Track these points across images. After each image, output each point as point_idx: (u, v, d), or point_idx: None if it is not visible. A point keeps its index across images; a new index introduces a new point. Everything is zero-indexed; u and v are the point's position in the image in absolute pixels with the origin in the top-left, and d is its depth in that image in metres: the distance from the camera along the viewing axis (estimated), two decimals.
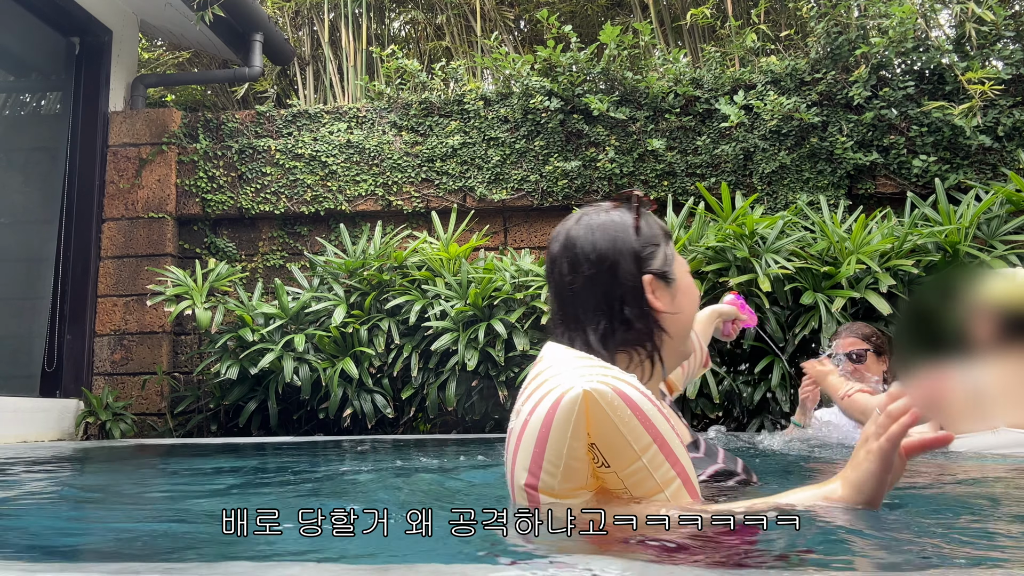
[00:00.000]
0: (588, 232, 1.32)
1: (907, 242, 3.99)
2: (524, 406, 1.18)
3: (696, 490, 1.17)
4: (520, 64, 5.02)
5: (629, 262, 1.30)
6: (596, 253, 1.30)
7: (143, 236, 5.29)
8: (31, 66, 5.91)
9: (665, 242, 1.37)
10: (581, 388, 1.10)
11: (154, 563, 1.00)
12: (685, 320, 1.36)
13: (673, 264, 1.36)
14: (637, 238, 1.32)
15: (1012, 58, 4.56)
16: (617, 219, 1.34)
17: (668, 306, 1.32)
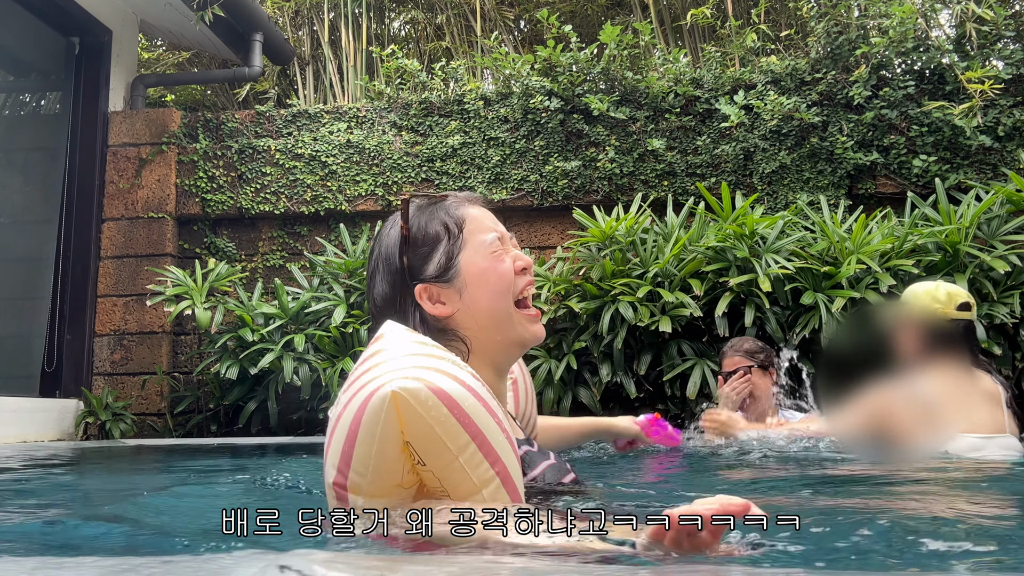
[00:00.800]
0: (371, 250, 1.36)
1: (907, 242, 3.98)
2: (343, 395, 1.13)
3: (518, 491, 1.14)
4: (520, 64, 5.02)
5: (387, 279, 1.31)
6: (368, 271, 1.35)
7: (143, 236, 5.29)
8: (31, 66, 5.91)
9: (448, 238, 1.31)
10: (389, 389, 1.05)
11: (149, 557, 1.00)
12: (485, 309, 1.30)
13: (455, 260, 1.30)
14: (402, 251, 1.30)
15: (1012, 58, 4.56)
16: (387, 232, 1.34)
17: (456, 304, 1.29)
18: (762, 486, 1.97)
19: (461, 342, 1.29)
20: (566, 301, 4.27)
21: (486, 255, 1.32)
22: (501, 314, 1.31)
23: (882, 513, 1.41)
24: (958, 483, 1.86)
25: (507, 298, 1.32)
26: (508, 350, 1.35)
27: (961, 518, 1.35)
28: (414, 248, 1.30)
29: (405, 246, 1.30)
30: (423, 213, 1.33)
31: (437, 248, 1.30)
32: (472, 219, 1.34)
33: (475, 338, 1.30)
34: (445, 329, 1.28)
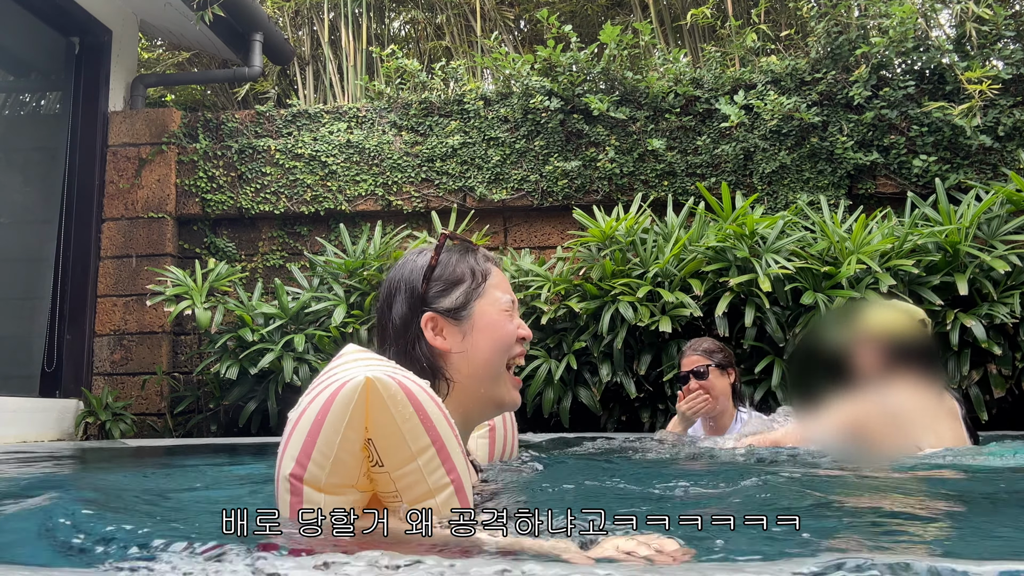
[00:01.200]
0: (393, 270, 1.42)
1: (907, 242, 3.98)
2: (307, 396, 1.16)
3: (469, 500, 1.15)
4: (520, 64, 5.02)
5: (404, 299, 1.36)
6: (386, 289, 1.40)
7: (143, 236, 5.29)
8: (31, 66, 5.91)
9: (472, 281, 1.39)
10: (364, 376, 1.08)
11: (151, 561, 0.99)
12: (481, 360, 1.36)
13: (473, 303, 1.38)
14: (426, 277, 1.37)
15: (1012, 58, 4.56)
16: (415, 258, 1.41)
17: (455, 345, 1.35)
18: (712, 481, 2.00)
19: (444, 382, 1.33)
20: (566, 301, 4.27)
21: (499, 310, 1.41)
22: (494, 368, 1.38)
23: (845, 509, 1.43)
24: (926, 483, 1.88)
25: (504, 356, 1.40)
26: (484, 406, 1.40)
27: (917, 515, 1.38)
28: (437, 280, 1.38)
29: (430, 274, 1.37)
30: (454, 252, 1.42)
31: (459, 287, 1.38)
32: (495, 275, 1.44)
33: (461, 383, 1.34)
34: (434, 365, 1.33)
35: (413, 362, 1.31)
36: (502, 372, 1.40)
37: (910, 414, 2.35)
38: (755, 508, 1.42)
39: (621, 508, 1.33)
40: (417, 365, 1.31)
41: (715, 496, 1.62)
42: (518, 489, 1.57)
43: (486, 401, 1.39)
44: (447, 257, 1.40)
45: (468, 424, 1.42)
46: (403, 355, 1.33)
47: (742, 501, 1.54)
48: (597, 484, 1.81)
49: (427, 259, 1.39)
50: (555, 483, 1.74)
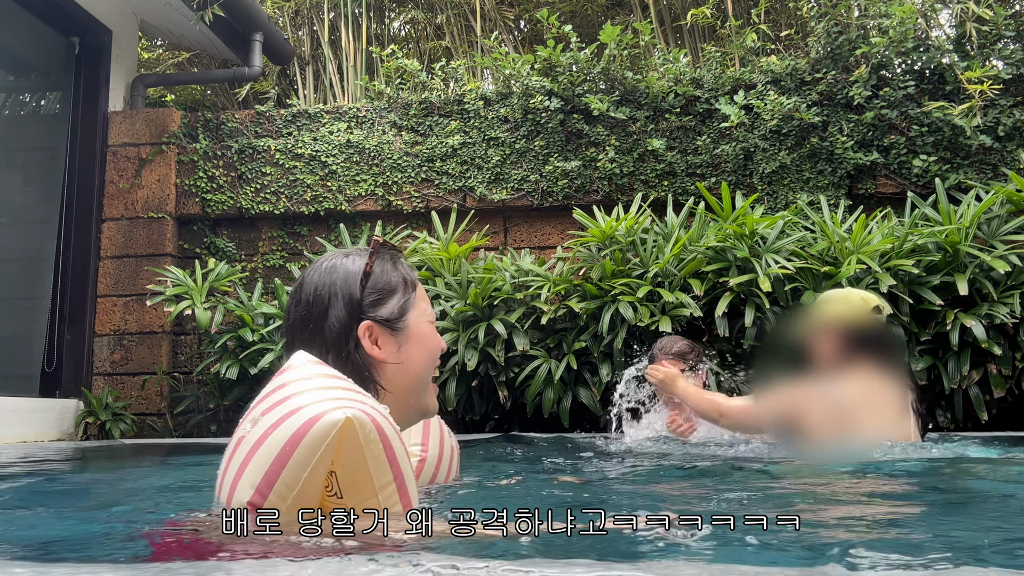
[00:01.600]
0: (317, 275, 1.36)
1: (907, 242, 3.98)
2: (265, 416, 1.13)
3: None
4: (520, 64, 5.02)
5: (342, 307, 1.32)
6: (314, 294, 1.34)
7: (143, 236, 5.29)
8: (31, 66, 5.91)
9: (404, 291, 1.38)
10: (343, 414, 1.07)
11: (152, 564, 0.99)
12: (415, 371, 1.37)
13: (408, 314, 1.37)
14: (363, 284, 1.34)
15: (1012, 58, 4.56)
16: (348, 264, 1.36)
17: (391, 355, 1.33)
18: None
19: (375, 393, 1.31)
20: (566, 301, 4.27)
21: (427, 322, 1.41)
22: (425, 379, 1.39)
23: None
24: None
25: (433, 368, 1.41)
26: (410, 416, 1.40)
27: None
28: (373, 288, 1.35)
29: (365, 281, 1.34)
30: (386, 260, 1.39)
31: (393, 296, 1.36)
32: (420, 286, 1.43)
33: (392, 393, 1.33)
34: (367, 376, 1.31)
35: (347, 371, 1.29)
36: (429, 381, 1.40)
37: (851, 406, 2.36)
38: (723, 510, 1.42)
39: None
40: (352, 373, 1.29)
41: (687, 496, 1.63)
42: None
43: (412, 411, 1.39)
44: (380, 265, 1.38)
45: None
46: (340, 362, 1.30)
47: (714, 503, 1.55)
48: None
49: (361, 265, 1.36)
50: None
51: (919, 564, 0.91)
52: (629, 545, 1.06)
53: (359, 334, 1.31)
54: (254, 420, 1.14)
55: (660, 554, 1.00)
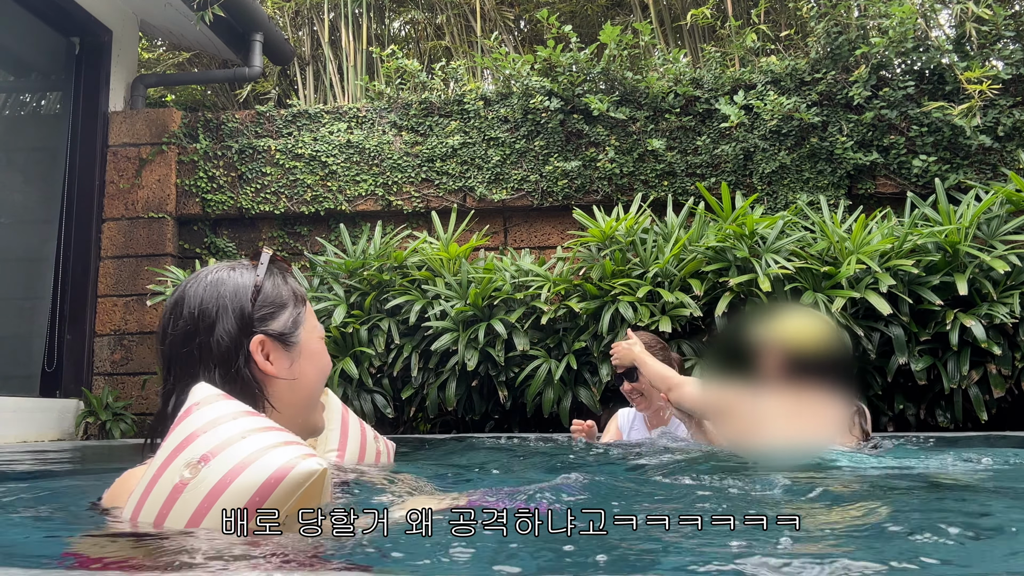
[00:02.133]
0: (201, 288, 1.28)
1: (907, 242, 3.98)
2: (214, 463, 1.06)
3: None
4: (520, 64, 5.02)
5: (232, 320, 1.26)
6: (199, 308, 1.26)
7: (143, 236, 5.29)
8: (31, 66, 5.91)
9: (295, 305, 1.34)
10: (318, 464, 1.06)
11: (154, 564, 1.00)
12: (305, 388, 1.33)
13: (299, 329, 1.32)
14: (254, 297, 1.28)
15: (1012, 58, 4.56)
16: (236, 277, 1.30)
17: (283, 371, 1.28)
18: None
19: (263, 411, 1.25)
20: (566, 301, 4.27)
21: (318, 337, 1.37)
22: (315, 397, 1.36)
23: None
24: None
25: (323, 384, 1.38)
26: (298, 434, 1.33)
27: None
28: (264, 301, 1.29)
29: (256, 294, 1.29)
30: (276, 273, 1.34)
31: (285, 310, 1.31)
32: (308, 303, 1.39)
33: (282, 411, 1.28)
34: (257, 393, 1.26)
35: (237, 387, 1.23)
36: (319, 401, 1.37)
37: (771, 421, 2.47)
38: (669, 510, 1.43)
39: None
40: (242, 390, 1.24)
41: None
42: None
43: (301, 428, 1.33)
44: (270, 278, 1.32)
45: None
46: (228, 379, 1.24)
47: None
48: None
49: (250, 278, 1.30)
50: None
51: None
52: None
53: (251, 349, 1.25)
54: (191, 466, 1.07)
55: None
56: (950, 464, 2.20)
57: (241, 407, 1.17)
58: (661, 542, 1.09)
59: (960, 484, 1.82)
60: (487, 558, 0.99)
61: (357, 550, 1.03)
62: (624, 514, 1.19)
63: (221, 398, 1.17)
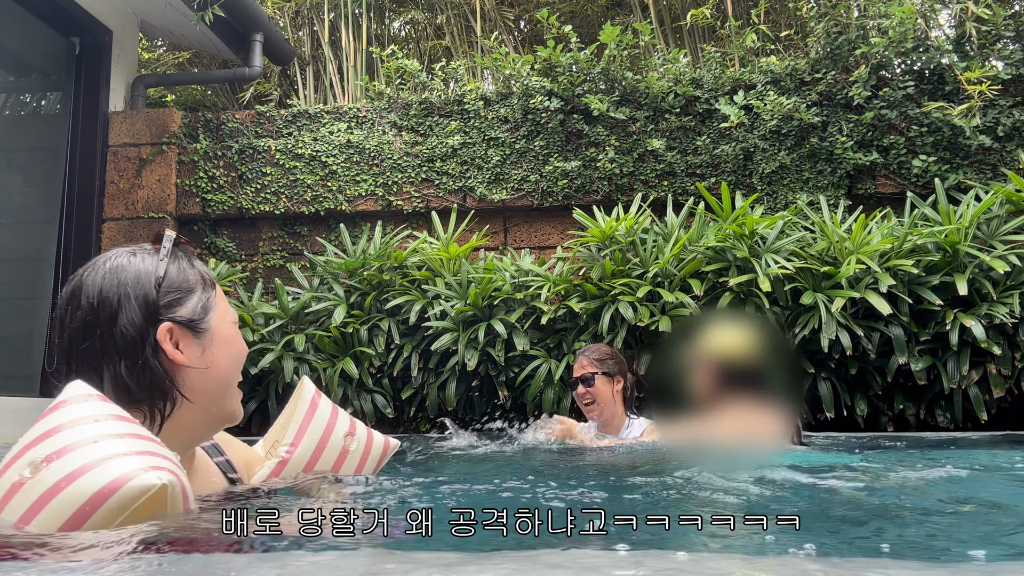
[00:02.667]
0: (99, 275, 1.21)
1: (907, 242, 3.99)
2: (54, 464, 1.01)
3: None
4: (520, 64, 5.02)
5: (136, 308, 1.19)
6: (98, 297, 1.19)
7: (143, 236, 5.29)
8: (31, 66, 5.91)
9: (204, 290, 1.27)
10: (157, 479, 1.00)
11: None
12: (219, 376, 1.26)
13: (209, 314, 1.26)
14: (158, 283, 1.22)
15: (1012, 58, 4.56)
16: (137, 263, 1.23)
17: (194, 360, 1.22)
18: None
19: (170, 402, 1.20)
20: (566, 301, 4.27)
21: (230, 323, 1.31)
22: (230, 384, 1.30)
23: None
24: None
25: (239, 371, 1.32)
26: (213, 423, 1.30)
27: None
28: (170, 287, 1.23)
29: (162, 279, 1.23)
30: (181, 257, 1.28)
31: (192, 295, 1.25)
32: (219, 286, 1.33)
33: (194, 400, 1.23)
34: (167, 384, 1.20)
35: (145, 378, 1.18)
36: (235, 388, 1.31)
37: (723, 429, 2.57)
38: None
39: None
40: (150, 382, 1.18)
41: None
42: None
43: (216, 418, 1.28)
44: (175, 263, 1.26)
45: (194, 443, 1.30)
46: (133, 371, 1.17)
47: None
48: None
49: (153, 263, 1.23)
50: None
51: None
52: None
53: (158, 338, 1.19)
54: (34, 464, 1.02)
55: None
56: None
57: (111, 410, 1.10)
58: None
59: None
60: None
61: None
62: (624, 514, 1.20)
63: (92, 398, 1.11)
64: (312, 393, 1.63)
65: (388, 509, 1.13)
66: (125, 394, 1.17)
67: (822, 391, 3.93)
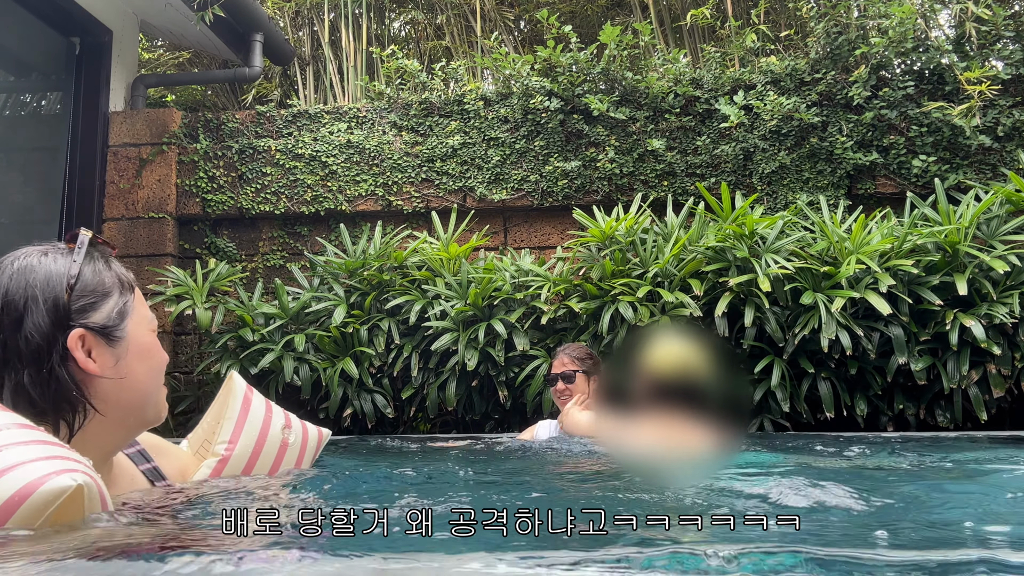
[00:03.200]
0: (6, 277, 1.13)
1: (907, 242, 3.99)
2: None
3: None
4: (520, 64, 5.02)
5: (44, 313, 1.11)
6: (3, 300, 1.11)
7: (143, 236, 5.30)
8: (31, 66, 5.91)
9: (121, 293, 1.21)
10: (72, 480, 0.95)
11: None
12: (135, 387, 1.19)
13: (126, 321, 1.19)
14: (70, 286, 1.14)
15: (1012, 58, 4.56)
16: (48, 263, 1.15)
17: (107, 369, 1.14)
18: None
19: (80, 414, 1.13)
20: (566, 301, 4.28)
21: (149, 330, 1.25)
22: (151, 393, 1.23)
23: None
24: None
25: (160, 383, 1.26)
26: (130, 433, 1.24)
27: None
28: (84, 291, 1.16)
29: (75, 282, 1.15)
30: (97, 258, 1.22)
31: (108, 300, 1.18)
32: (138, 290, 1.26)
33: (108, 414, 1.15)
34: (75, 395, 1.12)
35: (50, 389, 1.10)
36: (157, 397, 1.25)
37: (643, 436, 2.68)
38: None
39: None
40: (56, 393, 1.10)
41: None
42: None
43: (133, 427, 1.22)
44: (90, 264, 1.18)
45: (110, 455, 1.23)
46: (37, 381, 1.09)
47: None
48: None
49: (66, 263, 1.15)
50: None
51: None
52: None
53: (69, 345, 1.11)
54: None
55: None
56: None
57: (11, 419, 1.03)
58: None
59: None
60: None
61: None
62: (624, 514, 1.20)
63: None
64: (244, 388, 1.57)
65: (388, 508, 1.13)
66: (28, 406, 1.09)
67: (822, 391, 3.93)
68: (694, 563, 0.86)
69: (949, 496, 1.69)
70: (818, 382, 3.96)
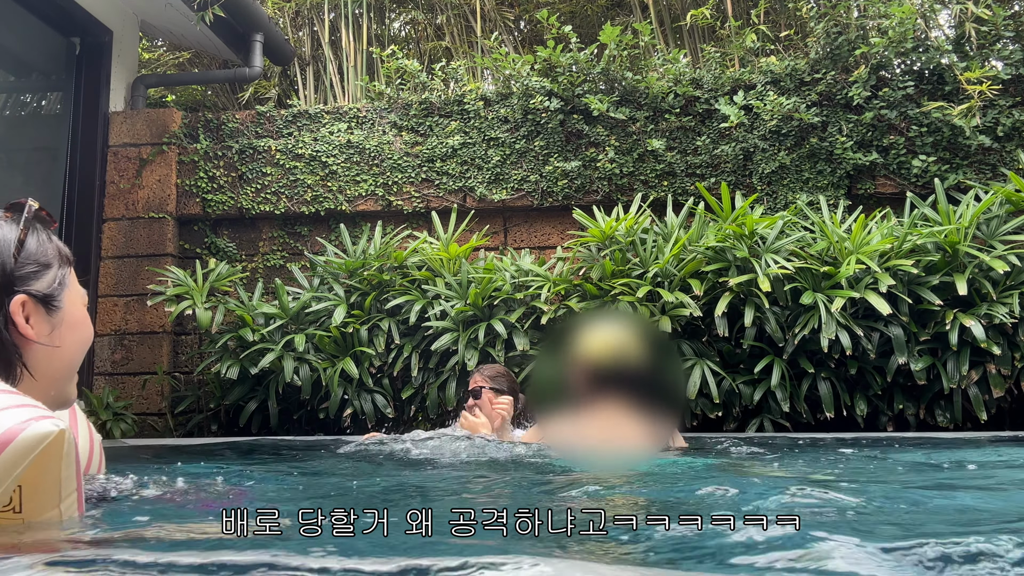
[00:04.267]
0: None
1: (907, 242, 3.99)
2: None
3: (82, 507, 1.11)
4: (520, 64, 5.03)
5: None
6: None
7: (143, 236, 5.30)
8: (31, 66, 5.91)
9: (60, 266, 1.24)
10: (53, 425, 0.98)
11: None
12: (65, 357, 1.23)
13: (64, 292, 1.23)
14: (16, 253, 1.17)
15: (1011, 58, 4.57)
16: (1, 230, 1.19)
17: (43, 337, 1.18)
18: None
19: (12, 378, 1.16)
20: (566, 301, 4.28)
21: (81, 305, 1.28)
22: (75, 367, 1.27)
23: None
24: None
25: (83, 355, 1.29)
26: (50, 406, 1.23)
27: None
28: (28, 258, 1.19)
29: (20, 249, 1.18)
30: (39, 229, 1.24)
31: (50, 269, 1.22)
32: (71, 264, 1.29)
33: (38, 380, 1.18)
34: (13, 359, 1.15)
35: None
36: (75, 373, 1.28)
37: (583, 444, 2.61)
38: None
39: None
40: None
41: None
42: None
43: (53, 401, 1.23)
44: (34, 233, 1.21)
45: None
46: None
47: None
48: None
49: (13, 231, 1.19)
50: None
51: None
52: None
53: (11, 310, 1.15)
54: None
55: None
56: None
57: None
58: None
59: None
60: None
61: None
62: (624, 514, 1.20)
63: None
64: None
65: (388, 508, 1.13)
66: None
67: (822, 391, 3.93)
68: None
69: (949, 495, 1.69)
70: (818, 382, 3.96)
